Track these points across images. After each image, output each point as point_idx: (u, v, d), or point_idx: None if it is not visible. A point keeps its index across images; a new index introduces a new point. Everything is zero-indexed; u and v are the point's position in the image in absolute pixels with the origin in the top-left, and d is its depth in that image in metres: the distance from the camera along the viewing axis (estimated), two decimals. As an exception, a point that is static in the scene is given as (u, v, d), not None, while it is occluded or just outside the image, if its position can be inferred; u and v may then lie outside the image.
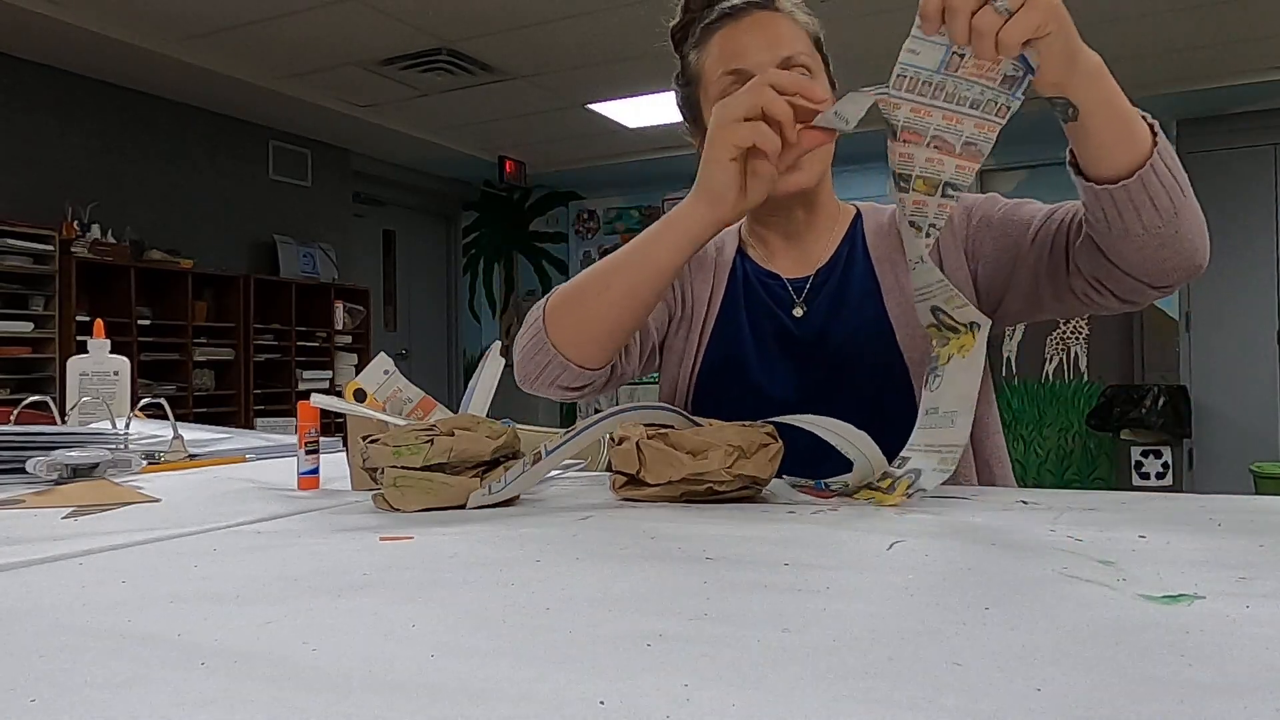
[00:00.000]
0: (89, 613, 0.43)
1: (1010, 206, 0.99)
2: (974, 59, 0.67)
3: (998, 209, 0.99)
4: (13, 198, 4.21)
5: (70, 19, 3.89)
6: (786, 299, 1.06)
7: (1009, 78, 0.68)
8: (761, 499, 0.75)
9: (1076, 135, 0.76)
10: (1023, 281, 0.95)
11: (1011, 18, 0.64)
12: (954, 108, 0.69)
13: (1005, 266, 0.96)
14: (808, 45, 0.99)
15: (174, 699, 0.31)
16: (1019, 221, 0.96)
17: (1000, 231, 0.97)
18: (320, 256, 5.73)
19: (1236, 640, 0.35)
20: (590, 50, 4.41)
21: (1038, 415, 5.78)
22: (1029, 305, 0.97)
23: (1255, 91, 4.89)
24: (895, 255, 1.03)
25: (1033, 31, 0.65)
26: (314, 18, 3.97)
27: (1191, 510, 0.65)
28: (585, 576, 0.48)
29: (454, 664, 0.34)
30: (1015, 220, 0.97)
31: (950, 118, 0.69)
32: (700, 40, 1.03)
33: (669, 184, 6.84)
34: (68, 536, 0.62)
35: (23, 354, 4.11)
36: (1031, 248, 0.94)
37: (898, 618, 0.39)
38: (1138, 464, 5.24)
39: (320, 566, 0.52)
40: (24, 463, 0.90)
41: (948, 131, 0.70)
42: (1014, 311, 0.99)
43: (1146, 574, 0.46)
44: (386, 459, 0.71)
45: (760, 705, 0.29)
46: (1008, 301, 0.98)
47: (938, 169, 0.71)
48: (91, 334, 1.33)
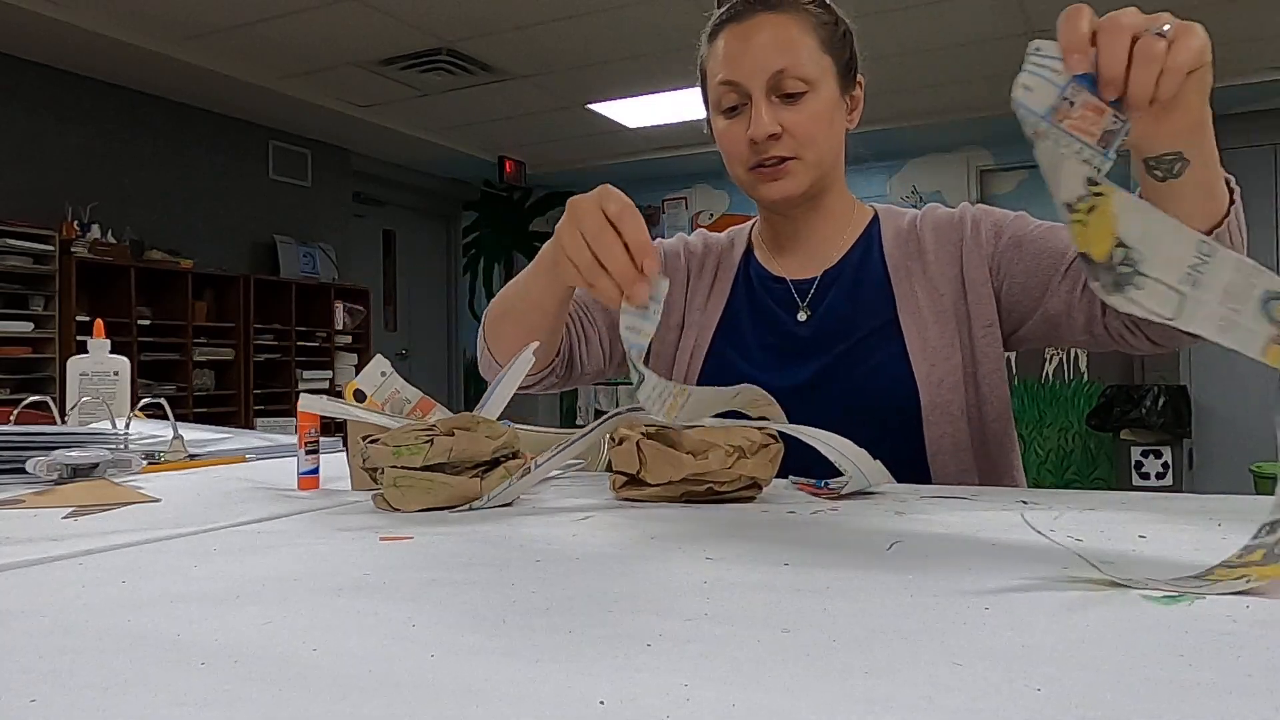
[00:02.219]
0: (89, 613, 0.43)
1: (1043, 231, 0.96)
2: (1083, 108, 0.53)
3: (1030, 231, 0.97)
4: (13, 198, 4.21)
5: (70, 19, 3.88)
6: (791, 302, 1.05)
7: (1107, 134, 0.54)
8: (762, 499, 0.75)
9: (1167, 194, 0.69)
10: (1053, 312, 0.93)
11: (1172, 46, 0.56)
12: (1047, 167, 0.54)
13: (1034, 293, 0.95)
14: (811, 48, 0.97)
15: (174, 699, 0.31)
16: (1053, 251, 0.94)
17: (1032, 257, 0.95)
18: (320, 256, 5.73)
19: (1236, 640, 0.35)
20: (590, 50, 4.41)
21: (1038, 415, 5.78)
22: (1052, 332, 0.95)
23: (1255, 91, 4.89)
24: (911, 262, 1.01)
25: (1196, 60, 0.57)
26: (314, 18, 3.97)
27: (1191, 510, 0.65)
28: (585, 576, 0.48)
29: (454, 664, 0.34)
30: (1050, 249, 0.94)
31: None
32: (710, 36, 1.03)
33: (669, 184, 6.85)
34: (68, 536, 0.62)
35: (23, 354, 4.11)
36: (1064, 277, 0.92)
37: (898, 618, 0.39)
38: (1138, 464, 5.23)
39: (320, 566, 0.52)
40: (24, 463, 0.90)
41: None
42: (1036, 336, 0.97)
43: (1146, 574, 0.46)
44: (386, 459, 0.71)
45: (760, 705, 0.29)
46: (1030, 326, 0.97)
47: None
48: (91, 334, 1.33)
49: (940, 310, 0.98)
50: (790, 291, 1.06)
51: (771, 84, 0.96)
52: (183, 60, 4.36)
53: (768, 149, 0.97)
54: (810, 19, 0.98)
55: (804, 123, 0.97)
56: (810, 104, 0.97)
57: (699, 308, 1.10)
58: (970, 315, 0.98)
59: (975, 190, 5.86)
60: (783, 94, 0.96)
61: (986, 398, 0.97)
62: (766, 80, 0.96)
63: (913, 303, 0.99)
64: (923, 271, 1.01)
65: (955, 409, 0.95)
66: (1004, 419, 0.99)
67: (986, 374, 0.97)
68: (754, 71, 0.96)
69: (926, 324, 0.97)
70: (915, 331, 0.97)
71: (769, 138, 0.96)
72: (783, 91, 0.96)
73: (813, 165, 0.99)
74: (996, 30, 4.11)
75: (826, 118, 0.98)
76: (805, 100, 0.97)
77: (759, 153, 0.98)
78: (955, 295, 0.99)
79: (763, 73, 0.96)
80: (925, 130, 5.55)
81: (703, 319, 1.08)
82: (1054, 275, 0.93)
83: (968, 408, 0.96)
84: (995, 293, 0.98)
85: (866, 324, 0.99)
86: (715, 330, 1.07)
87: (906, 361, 0.96)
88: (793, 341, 1.02)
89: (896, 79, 4.77)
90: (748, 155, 0.99)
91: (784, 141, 0.97)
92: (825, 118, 0.98)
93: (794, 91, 0.96)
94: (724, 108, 1.00)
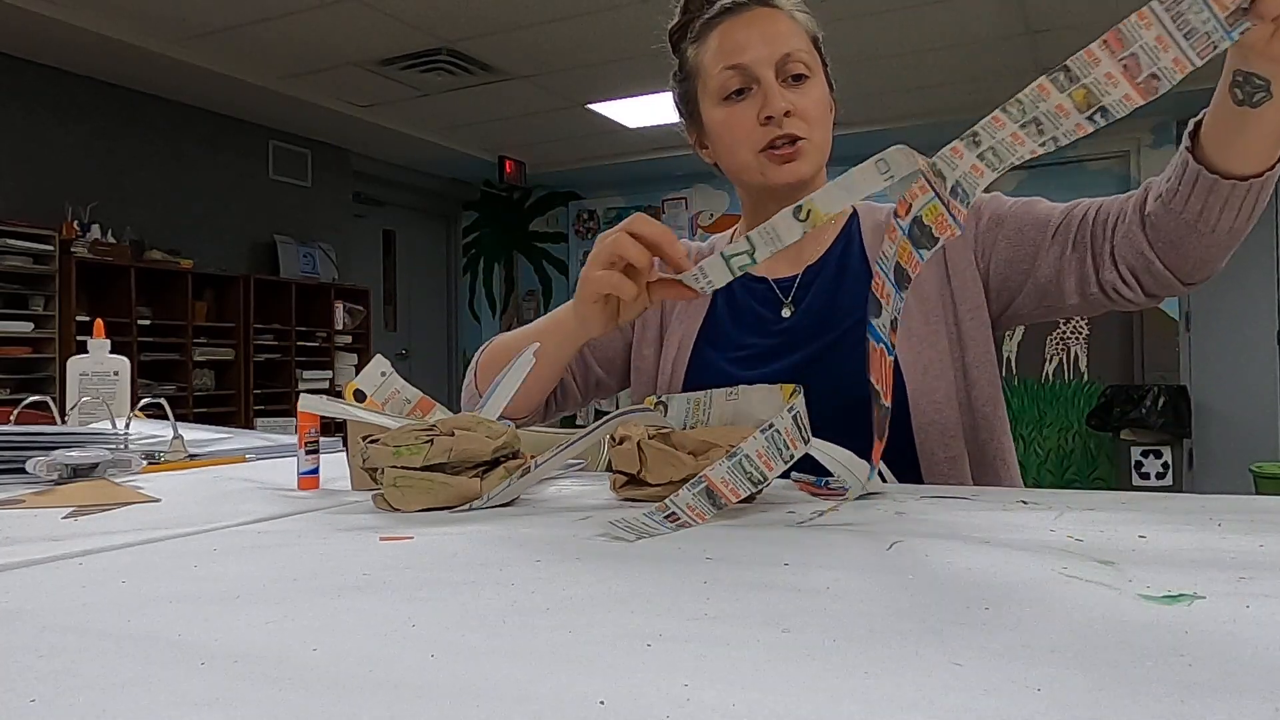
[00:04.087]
0: (89, 613, 0.43)
1: (1021, 204, 0.98)
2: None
3: (1008, 207, 0.98)
4: (13, 198, 4.21)
5: (70, 19, 3.89)
6: (774, 301, 1.05)
7: (1238, 10, 0.54)
8: (762, 499, 0.75)
9: (1243, 122, 0.69)
10: (1044, 279, 0.94)
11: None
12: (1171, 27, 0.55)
13: (1023, 265, 0.95)
14: (806, 43, 1.00)
15: (174, 699, 0.31)
16: (1035, 218, 0.95)
17: (1014, 230, 0.96)
18: (320, 256, 5.73)
19: (1236, 640, 0.35)
20: (590, 50, 4.41)
21: (1038, 415, 5.78)
22: (1042, 303, 0.95)
23: (1255, 91, 4.88)
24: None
25: None
26: (314, 18, 3.97)
27: (1191, 510, 0.65)
28: (585, 576, 0.48)
29: (454, 664, 0.34)
30: (1031, 217, 0.96)
31: (1163, 40, 0.56)
32: (699, 35, 1.03)
33: (669, 184, 6.85)
34: (68, 536, 0.62)
35: (23, 354, 4.11)
36: (1052, 243, 0.93)
37: (898, 618, 0.39)
38: (1138, 464, 5.23)
39: (320, 566, 0.52)
40: (24, 463, 0.90)
41: (1152, 52, 0.56)
42: (1025, 313, 0.98)
43: (1146, 574, 0.46)
44: (386, 459, 0.71)
45: (760, 705, 0.29)
46: (1019, 302, 0.97)
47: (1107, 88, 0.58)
48: (91, 334, 1.33)
49: (923, 297, 0.98)
50: (773, 290, 1.06)
51: (780, 66, 0.98)
52: (183, 60, 4.36)
53: (781, 126, 0.98)
54: (799, 20, 1.02)
55: (811, 106, 0.99)
56: (814, 89, 1.00)
57: (679, 318, 1.10)
58: (955, 301, 0.98)
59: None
60: (790, 76, 0.98)
61: (975, 382, 0.97)
62: (775, 62, 0.97)
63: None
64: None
65: (941, 395, 0.95)
66: (994, 403, 0.98)
67: (974, 359, 0.97)
68: (762, 53, 0.97)
69: (910, 313, 0.98)
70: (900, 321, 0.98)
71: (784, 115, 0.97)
72: (790, 74, 0.98)
73: (818, 149, 1.00)
74: (996, 30, 4.10)
75: (826, 106, 1.02)
76: (810, 85, 0.99)
77: (770, 133, 0.98)
78: (938, 282, 0.99)
79: (771, 55, 0.97)
80: (925, 130, 5.55)
81: (684, 328, 1.09)
82: (1041, 242, 0.94)
83: (956, 393, 0.96)
84: (983, 275, 0.98)
85: (850, 317, 1.00)
86: (697, 337, 1.07)
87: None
88: (776, 338, 1.03)
89: (896, 79, 4.77)
90: (758, 137, 0.99)
91: (795, 121, 0.98)
92: (825, 105, 1.01)
93: (800, 74, 0.98)
94: (728, 92, 1.00)
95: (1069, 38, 4.20)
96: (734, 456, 0.64)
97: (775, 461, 0.65)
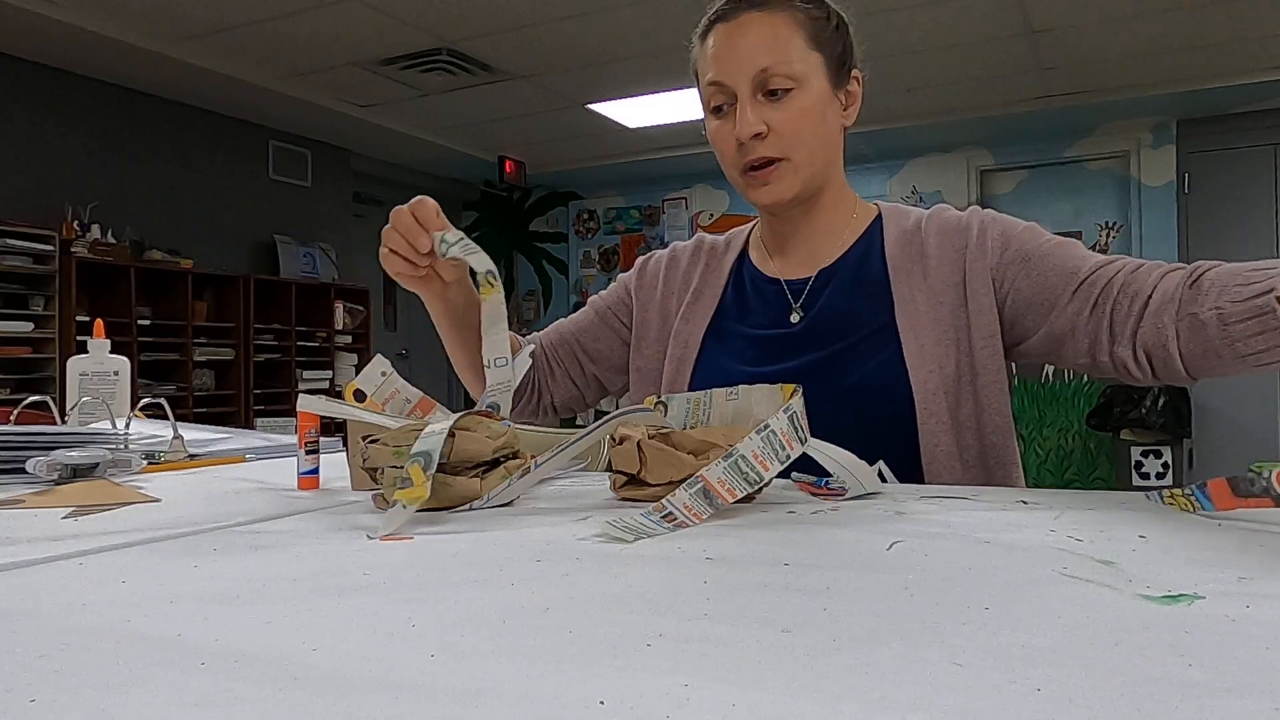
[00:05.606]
0: (89, 613, 0.43)
1: (1052, 247, 0.94)
2: None
3: (1040, 246, 0.95)
4: (13, 198, 4.21)
5: (70, 19, 3.89)
6: (784, 303, 1.04)
7: None
8: (761, 499, 0.75)
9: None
10: (1058, 331, 0.91)
11: None
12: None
13: (1040, 310, 0.92)
14: (801, 46, 0.96)
15: (174, 699, 0.31)
16: (1062, 267, 0.92)
17: (1039, 274, 0.93)
18: (320, 256, 5.73)
19: (1236, 640, 0.35)
20: (590, 50, 4.41)
21: (1038, 415, 5.78)
22: (1055, 350, 0.93)
23: (1255, 91, 4.89)
24: (913, 265, 0.99)
25: None
26: (314, 18, 3.97)
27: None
28: (585, 576, 0.48)
29: (454, 664, 0.34)
30: (1058, 266, 0.92)
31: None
32: (702, 36, 1.02)
33: (669, 184, 6.85)
34: (68, 536, 0.62)
35: (23, 354, 4.11)
36: (1073, 298, 0.90)
37: (898, 618, 0.39)
38: (1138, 464, 5.23)
39: (320, 566, 0.52)
40: (24, 463, 0.90)
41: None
42: (1039, 352, 0.95)
43: (1146, 574, 0.46)
44: (386, 459, 0.71)
45: (760, 705, 0.29)
46: (1033, 343, 0.95)
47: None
48: (91, 334, 1.33)
49: (939, 317, 0.96)
50: (784, 292, 1.04)
51: (757, 83, 0.95)
52: (183, 60, 4.36)
53: (754, 149, 0.96)
54: (798, 15, 0.97)
55: (790, 121, 0.96)
56: (797, 101, 0.96)
57: (686, 317, 1.09)
58: (970, 324, 0.95)
59: (975, 190, 5.85)
60: (768, 91, 0.96)
61: (985, 408, 0.95)
62: (751, 79, 0.95)
63: (912, 306, 0.96)
64: (924, 276, 0.98)
65: (950, 417, 0.93)
66: (1004, 432, 0.96)
67: (986, 384, 0.95)
68: (739, 71, 0.95)
69: (924, 329, 0.95)
70: (912, 336, 0.95)
71: (754, 137, 0.95)
72: (768, 89, 0.95)
73: (803, 165, 0.98)
74: (996, 30, 4.10)
75: (815, 115, 0.97)
76: (792, 97, 0.96)
77: (746, 154, 0.97)
78: (955, 303, 0.96)
79: (747, 72, 0.95)
80: (925, 130, 5.55)
81: (690, 328, 1.08)
82: (1062, 295, 0.91)
83: (966, 417, 0.94)
84: (998, 305, 0.96)
85: (864, 325, 0.97)
86: (704, 335, 1.07)
87: (902, 366, 0.94)
88: (784, 339, 1.01)
89: (896, 79, 4.77)
90: (737, 156, 0.98)
91: (770, 141, 0.96)
92: (814, 115, 0.97)
93: (780, 89, 0.95)
94: (712, 108, 1.00)
95: (1069, 37, 4.21)
96: (730, 457, 0.64)
97: (771, 462, 0.66)
